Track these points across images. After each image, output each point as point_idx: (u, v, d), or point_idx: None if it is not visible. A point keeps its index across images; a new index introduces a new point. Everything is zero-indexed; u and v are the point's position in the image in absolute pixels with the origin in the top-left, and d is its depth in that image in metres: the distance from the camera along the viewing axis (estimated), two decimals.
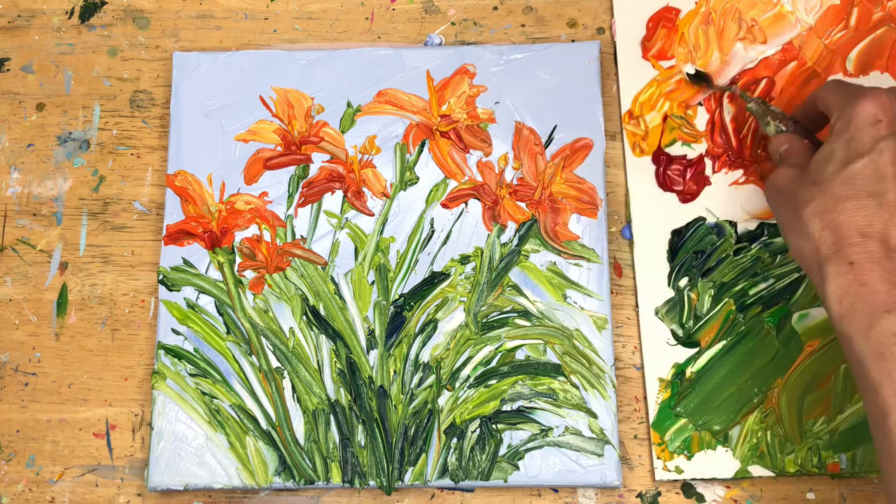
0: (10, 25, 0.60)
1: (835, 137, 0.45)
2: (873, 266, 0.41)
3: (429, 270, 0.54)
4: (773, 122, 0.51)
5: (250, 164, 0.55)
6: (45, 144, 0.58)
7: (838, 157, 0.44)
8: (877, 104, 0.44)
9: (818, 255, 0.43)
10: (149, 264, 0.56)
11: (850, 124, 0.44)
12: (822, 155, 0.45)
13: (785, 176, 0.47)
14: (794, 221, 0.45)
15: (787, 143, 0.50)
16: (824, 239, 0.43)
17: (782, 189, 0.47)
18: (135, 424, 0.53)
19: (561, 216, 0.54)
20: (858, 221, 0.42)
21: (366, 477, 0.50)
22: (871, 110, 0.44)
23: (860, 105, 0.44)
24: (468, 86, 0.56)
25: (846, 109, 0.45)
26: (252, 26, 0.59)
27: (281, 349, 0.53)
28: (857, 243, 0.42)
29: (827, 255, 0.43)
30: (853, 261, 0.42)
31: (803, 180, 0.45)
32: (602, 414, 0.51)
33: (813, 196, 0.44)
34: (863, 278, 0.41)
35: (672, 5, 0.58)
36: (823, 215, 0.43)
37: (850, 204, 0.42)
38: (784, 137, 0.50)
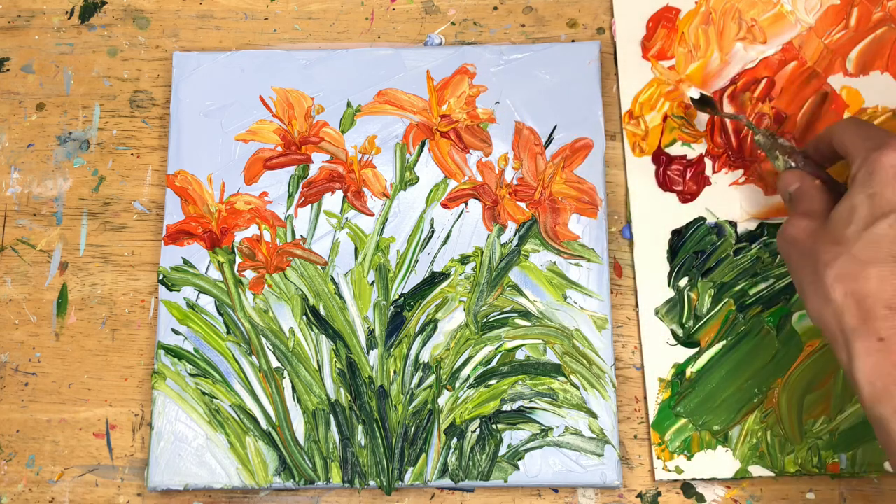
0: (10, 25, 0.60)
1: (857, 190, 0.42)
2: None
3: (429, 270, 0.54)
4: (783, 157, 0.48)
5: (250, 164, 0.55)
6: (45, 144, 0.58)
7: (862, 216, 0.41)
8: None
9: (842, 325, 0.41)
10: (149, 264, 0.56)
11: (872, 176, 0.42)
12: (844, 210, 0.42)
13: (800, 228, 0.44)
14: (814, 284, 0.42)
15: (797, 181, 0.47)
16: (849, 308, 0.40)
17: (798, 241, 0.44)
18: (135, 424, 0.53)
19: (561, 216, 0.54)
20: (886, 291, 0.40)
21: (366, 477, 0.50)
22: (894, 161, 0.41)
23: (885, 155, 0.41)
24: (468, 86, 0.56)
25: (868, 158, 0.42)
26: (252, 26, 0.59)
27: (281, 349, 0.53)
28: (887, 317, 0.39)
29: (853, 328, 0.40)
30: (883, 337, 0.39)
31: (823, 237, 0.43)
32: (602, 414, 0.51)
33: (835, 258, 0.41)
34: (895, 357, 0.39)
35: (672, 5, 0.58)
36: (848, 282, 0.41)
37: (875, 271, 0.40)
38: (794, 175, 0.47)
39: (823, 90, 0.56)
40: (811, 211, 0.45)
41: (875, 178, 0.41)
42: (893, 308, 0.40)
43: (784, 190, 0.48)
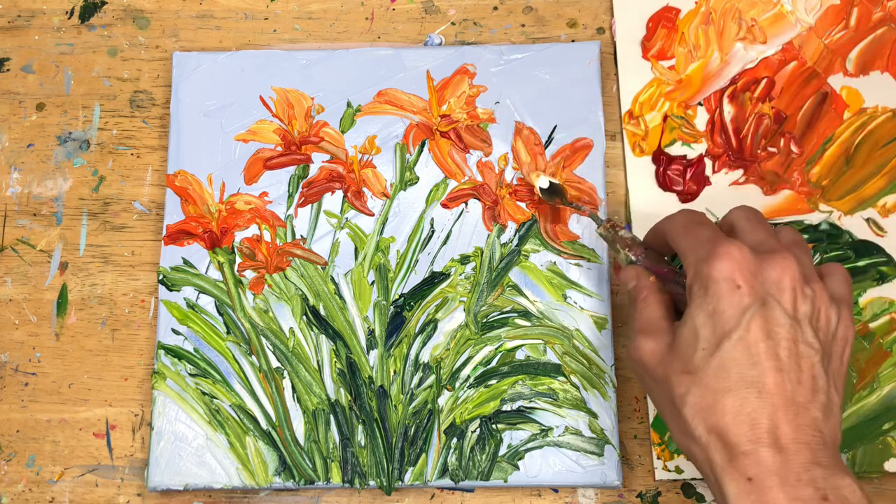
0: (10, 25, 0.60)
1: (696, 309, 0.40)
2: (772, 480, 0.37)
3: (429, 270, 0.54)
4: (623, 251, 0.47)
5: (250, 164, 0.55)
6: (45, 144, 0.58)
7: (705, 339, 0.40)
8: (731, 264, 0.40)
9: (711, 464, 0.39)
10: (149, 264, 0.56)
11: (707, 292, 0.40)
12: (688, 334, 0.40)
13: (647, 351, 0.42)
14: (675, 418, 0.41)
15: (633, 279, 0.46)
16: (713, 446, 0.39)
17: (648, 368, 0.42)
18: (135, 424, 0.53)
19: (561, 216, 0.54)
20: (743, 423, 0.38)
21: (366, 477, 0.50)
22: (726, 273, 0.40)
23: (714, 268, 0.40)
24: (468, 86, 0.56)
25: (700, 271, 0.41)
26: (252, 26, 0.59)
27: (281, 349, 0.53)
28: (749, 452, 0.38)
29: (722, 468, 0.39)
30: (750, 476, 0.38)
31: (672, 364, 0.41)
32: (602, 414, 0.51)
33: (689, 390, 0.40)
34: (766, 499, 0.37)
35: (672, 5, 0.58)
36: (706, 416, 0.39)
37: (729, 401, 0.39)
38: (631, 272, 0.46)
39: (823, 90, 0.56)
40: (650, 323, 0.43)
41: (710, 293, 0.40)
42: (755, 440, 0.38)
43: (624, 287, 0.46)
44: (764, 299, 0.39)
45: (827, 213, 0.54)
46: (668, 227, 0.45)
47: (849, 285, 0.43)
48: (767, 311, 0.39)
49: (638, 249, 0.47)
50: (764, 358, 0.39)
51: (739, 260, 0.40)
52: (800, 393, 0.39)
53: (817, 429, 0.39)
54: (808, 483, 0.37)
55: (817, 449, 0.38)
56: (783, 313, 0.39)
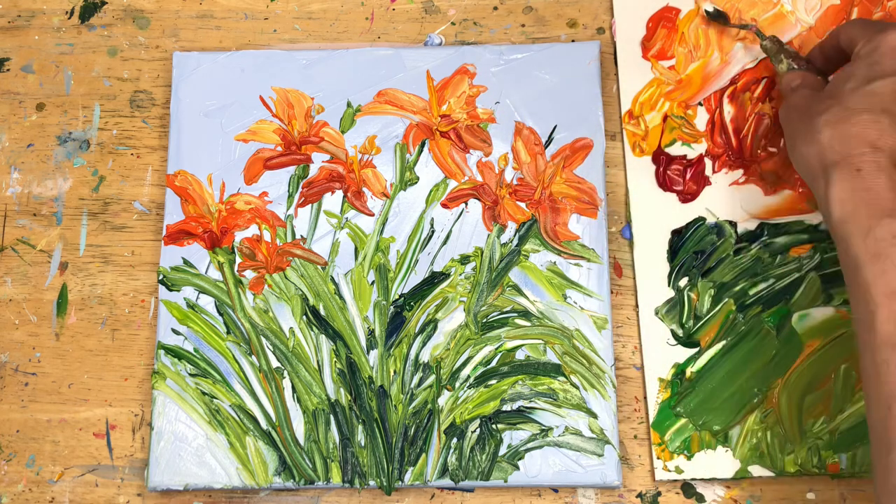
0: (10, 25, 0.60)
1: (858, 61, 0.45)
2: (880, 174, 0.42)
3: (429, 270, 0.54)
4: (787, 60, 0.52)
5: (250, 164, 0.55)
6: (45, 144, 0.58)
7: (859, 76, 0.44)
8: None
9: (824, 160, 0.44)
10: (149, 264, 0.56)
11: (875, 50, 0.45)
12: (843, 74, 0.46)
13: (801, 95, 0.48)
14: (805, 132, 0.45)
15: (799, 78, 0.50)
16: (833, 146, 0.43)
17: (797, 106, 0.47)
18: (135, 424, 0.53)
19: (561, 216, 0.54)
20: (871, 134, 0.42)
21: (366, 477, 0.50)
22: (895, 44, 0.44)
23: (889, 35, 0.45)
24: (468, 86, 0.56)
25: (874, 38, 0.45)
26: (252, 26, 0.59)
27: (281, 349, 0.53)
28: (867, 153, 0.42)
29: (834, 161, 0.43)
30: (860, 168, 0.42)
31: (820, 96, 0.46)
32: (602, 414, 0.51)
33: (828, 107, 0.44)
34: (868, 184, 0.42)
35: (672, 5, 0.58)
36: (837, 125, 0.43)
37: (864, 117, 0.43)
38: (797, 74, 0.51)
39: None
40: (813, 84, 0.49)
41: (877, 51, 0.45)
42: (876, 147, 0.42)
43: (787, 86, 0.51)
44: None
45: None
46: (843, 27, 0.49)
47: None
48: None
49: (801, 61, 0.52)
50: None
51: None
52: None
53: None
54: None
55: None
56: None
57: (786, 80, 0.51)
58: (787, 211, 0.54)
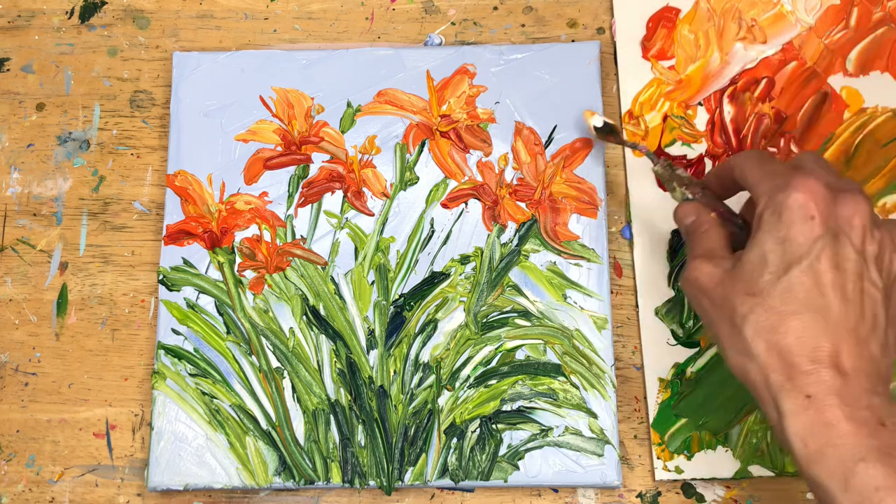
0: (10, 25, 0.60)
1: (766, 235, 0.41)
2: (832, 399, 0.38)
3: (429, 270, 0.54)
4: (679, 189, 0.48)
5: (250, 164, 0.55)
6: (45, 144, 0.58)
7: (774, 263, 0.40)
8: (807, 195, 0.40)
9: (768, 382, 0.40)
10: (149, 264, 0.56)
11: (780, 219, 0.41)
12: (755, 258, 0.41)
13: (706, 273, 0.43)
14: (733, 338, 0.41)
15: (692, 214, 0.46)
16: (773, 364, 0.40)
17: (707, 290, 0.43)
18: (135, 424, 0.53)
19: (561, 216, 0.54)
20: (806, 344, 0.39)
21: (366, 477, 0.50)
22: (801, 202, 0.40)
23: (790, 197, 0.40)
24: (468, 86, 0.56)
25: (775, 198, 0.41)
26: (252, 26, 0.59)
27: (281, 349, 0.53)
28: (810, 372, 0.39)
29: (780, 386, 0.39)
30: (810, 393, 0.38)
31: (735, 286, 0.41)
32: (602, 414, 0.51)
33: (752, 310, 0.40)
34: (825, 416, 0.38)
35: (672, 5, 0.58)
36: (768, 336, 0.40)
37: (794, 323, 0.39)
38: (690, 207, 0.47)
39: (823, 90, 0.56)
40: (710, 251, 0.44)
41: (783, 220, 0.40)
42: (816, 360, 0.39)
43: (680, 222, 0.47)
44: (836, 233, 0.40)
45: None
46: (737, 160, 0.45)
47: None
48: (838, 245, 0.40)
49: (696, 188, 0.48)
50: (831, 288, 0.40)
51: (816, 192, 0.40)
52: (862, 327, 0.40)
53: (875, 363, 0.39)
54: (865, 407, 0.38)
55: (875, 380, 0.39)
56: (852, 249, 0.40)
57: (679, 214, 0.47)
58: None
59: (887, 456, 0.37)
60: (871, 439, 0.37)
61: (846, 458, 0.37)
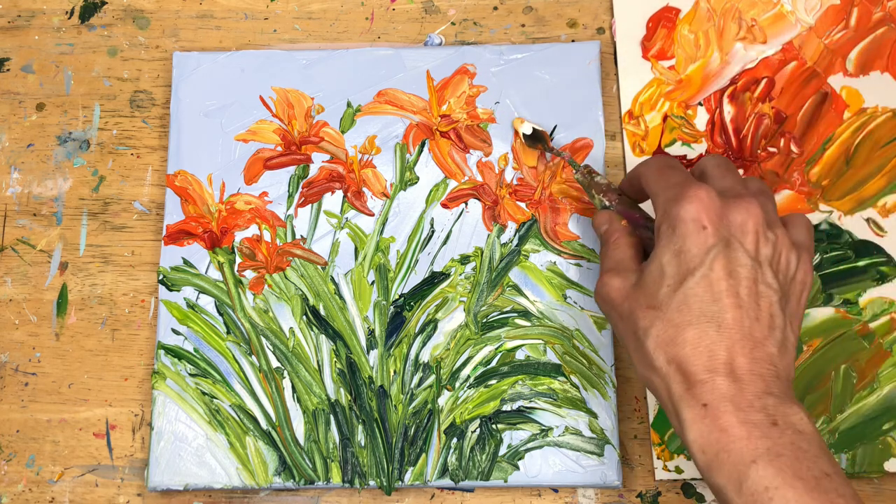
0: (10, 25, 0.60)
1: (663, 248, 0.42)
2: (726, 406, 0.39)
3: (429, 270, 0.54)
4: (598, 196, 0.49)
5: (250, 164, 0.55)
6: (45, 144, 0.58)
7: (670, 275, 0.41)
8: (699, 206, 0.41)
9: (670, 393, 0.41)
10: (149, 264, 0.56)
11: (675, 231, 0.42)
12: (655, 271, 0.42)
13: (614, 288, 0.44)
14: (638, 351, 0.43)
15: (606, 223, 0.48)
16: (672, 376, 0.41)
17: (615, 304, 0.44)
18: (135, 424, 0.53)
19: (561, 216, 0.54)
20: (702, 354, 0.40)
21: (366, 477, 0.50)
22: (693, 214, 0.41)
23: (682, 209, 0.41)
24: (468, 86, 0.56)
25: (669, 212, 0.42)
26: (252, 26, 0.59)
27: (281, 349, 0.53)
28: (706, 381, 0.40)
29: (680, 396, 0.40)
30: (706, 402, 0.40)
31: (638, 299, 0.43)
32: (602, 414, 0.51)
33: (652, 323, 0.41)
34: (720, 423, 0.39)
35: (672, 5, 0.58)
36: (667, 348, 0.41)
37: (690, 334, 0.40)
38: (604, 216, 0.48)
39: (823, 90, 0.56)
40: (618, 263, 0.45)
41: (677, 232, 0.42)
42: (711, 370, 0.40)
43: (596, 230, 0.49)
44: (728, 241, 0.41)
45: (827, 213, 0.54)
46: (642, 170, 0.46)
47: (810, 233, 0.45)
48: (730, 252, 0.41)
49: (612, 195, 0.48)
50: (725, 295, 0.40)
51: (707, 203, 0.41)
52: (757, 329, 0.41)
53: (772, 363, 0.40)
54: (759, 409, 0.39)
55: (770, 381, 0.40)
56: (745, 254, 0.41)
57: (595, 223, 0.48)
58: (786, 211, 0.54)
59: (777, 456, 0.38)
60: (763, 440, 0.38)
61: (739, 462, 0.38)
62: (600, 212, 0.48)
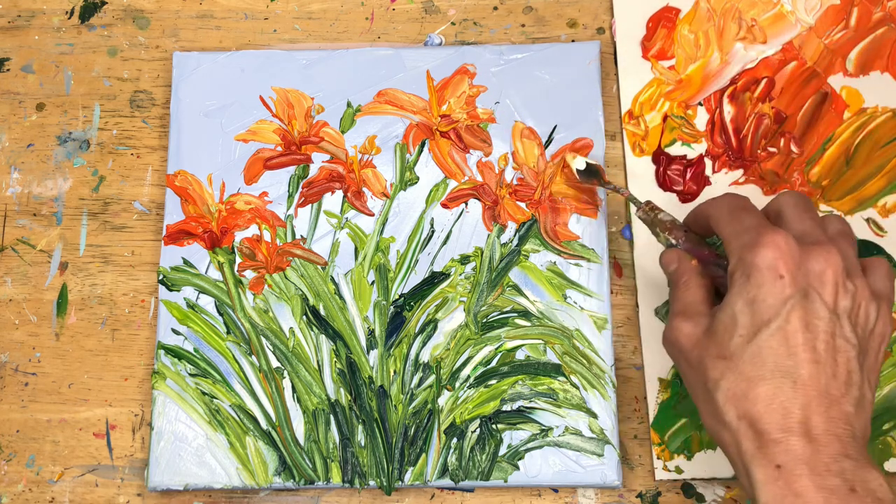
0: (10, 25, 0.60)
1: (736, 296, 0.40)
2: (801, 469, 0.37)
3: (429, 270, 0.54)
4: (662, 234, 0.47)
5: (250, 164, 0.55)
6: (45, 144, 0.58)
7: (743, 325, 0.40)
8: (776, 253, 0.39)
9: (740, 451, 0.39)
10: (149, 264, 0.56)
11: (749, 279, 0.40)
12: (726, 319, 0.40)
13: (684, 335, 0.42)
14: (707, 403, 0.41)
15: (674, 262, 0.46)
16: (744, 433, 0.39)
17: (683, 351, 0.42)
18: (135, 424, 0.53)
19: (561, 216, 0.54)
20: (775, 411, 0.38)
21: (366, 477, 0.50)
22: (770, 262, 0.39)
23: (758, 256, 0.40)
24: (468, 86, 0.56)
25: (744, 258, 0.40)
26: (252, 26, 0.59)
27: (281, 349, 0.53)
28: (780, 440, 0.38)
29: (751, 455, 0.39)
30: (779, 463, 0.38)
31: (708, 349, 0.41)
32: (602, 414, 0.51)
33: (722, 374, 0.40)
34: (795, 488, 0.37)
35: (672, 5, 0.58)
36: (738, 403, 0.39)
37: (763, 389, 0.39)
38: (672, 255, 0.46)
39: (823, 90, 0.56)
40: (689, 307, 0.43)
41: (752, 280, 0.40)
42: (786, 429, 0.38)
43: (664, 270, 0.46)
44: (806, 291, 0.39)
45: (827, 213, 0.54)
46: (711, 210, 0.44)
47: (891, 281, 0.42)
48: (808, 304, 0.39)
49: (678, 232, 0.46)
50: (801, 349, 0.39)
51: (784, 250, 0.39)
52: (834, 386, 0.39)
53: (848, 422, 0.39)
54: (836, 474, 0.37)
55: (847, 442, 0.38)
56: (823, 306, 0.39)
57: (662, 262, 0.46)
58: None
59: None
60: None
61: None
62: (668, 250, 0.46)
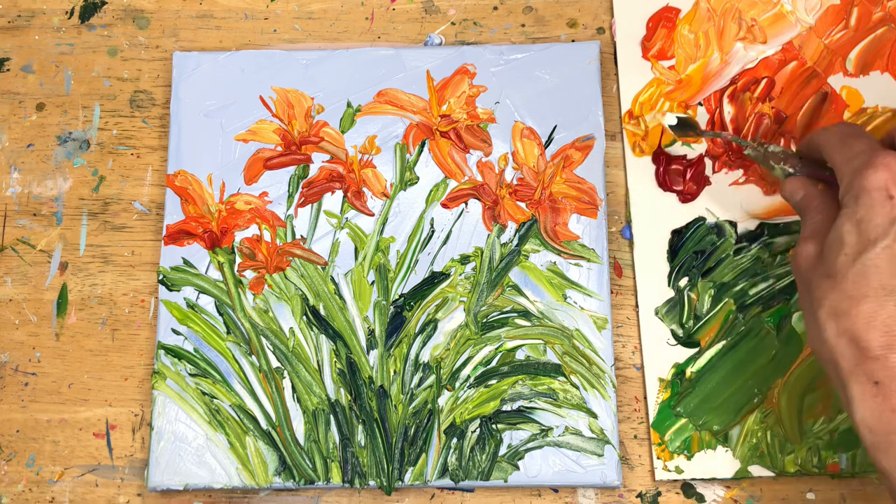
0: (10, 25, 0.60)
1: (844, 216, 0.40)
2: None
3: (429, 270, 0.54)
4: (777, 165, 0.46)
5: (250, 164, 0.55)
6: (45, 144, 0.58)
7: (850, 244, 0.39)
8: (886, 175, 0.39)
9: (837, 366, 0.39)
10: (149, 264, 0.56)
11: (858, 200, 0.39)
12: (834, 239, 0.40)
13: (803, 257, 0.42)
14: (811, 321, 0.41)
15: (801, 189, 0.45)
16: (841, 350, 0.39)
17: (800, 270, 0.42)
18: (135, 424, 0.53)
19: (561, 216, 0.54)
20: (877, 329, 0.38)
21: (366, 477, 0.50)
22: (880, 183, 0.39)
23: (869, 178, 0.39)
24: (468, 86, 0.56)
25: (854, 181, 0.40)
26: (252, 26, 0.59)
27: (281, 349, 0.53)
28: (879, 357, 0.38)
29: (849, 371, 0.38)
30: (878, 380, 0.37)
31: (817, 268, 0.41)
32: (602, 414, 0.51)
33: (826, 293, 0.40)
34: (893, 403, 0.37)
35: (672, 5, 0.58)
36: (838, 320, 0.39)
37: (865, 307, 0.38)
38: (797, 183, 0.45)
39: (823, 90, 0.56)
40: (818, 230, 0.43)
41: (861, 202, 0.40)
42: (887, 346, 0.38)
43: (790, 199, 0.46)
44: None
45: None
46: (822, 139, 0.44)
47: None
48: None
49: (794, 160, 0.46)
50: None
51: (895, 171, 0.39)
52: None
53: None
54: None
55: None
56: None
57: (787, 191, 0.46)
58: (786, 211, 0.54)
59: None
60: None
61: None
62: (790, 179, 0.45)
